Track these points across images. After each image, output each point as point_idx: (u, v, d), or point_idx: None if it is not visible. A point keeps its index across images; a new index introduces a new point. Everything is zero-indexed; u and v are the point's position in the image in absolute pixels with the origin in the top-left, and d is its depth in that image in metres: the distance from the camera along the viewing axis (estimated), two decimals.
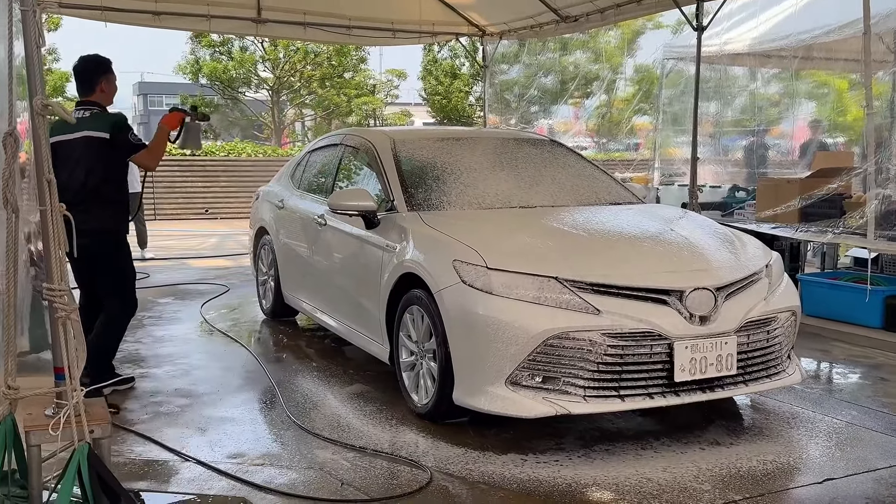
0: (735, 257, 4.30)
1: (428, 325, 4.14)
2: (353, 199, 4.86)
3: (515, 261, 3.93)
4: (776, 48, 9.27)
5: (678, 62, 10.96)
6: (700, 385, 3.88)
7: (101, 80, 4.67)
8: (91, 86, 4.65)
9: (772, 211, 7.27)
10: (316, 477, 3.59)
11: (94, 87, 4.65)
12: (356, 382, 4.99)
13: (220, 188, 17.31)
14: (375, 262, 4.68)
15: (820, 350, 5.95)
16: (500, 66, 12.90)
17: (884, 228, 6.31)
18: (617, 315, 3.75)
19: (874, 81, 7.17)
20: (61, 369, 2.57)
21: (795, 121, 11.20)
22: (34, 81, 2.60)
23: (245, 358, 5.59)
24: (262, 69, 27.21)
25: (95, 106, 4.63)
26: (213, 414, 4.43)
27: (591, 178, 5.50)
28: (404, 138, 5.45)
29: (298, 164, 6.62)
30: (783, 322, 4.17)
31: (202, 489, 3.46)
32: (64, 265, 2.57)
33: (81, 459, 2.45)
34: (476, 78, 25.69)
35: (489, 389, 3.78)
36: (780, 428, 4.24)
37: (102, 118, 4.56)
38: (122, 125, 4.54)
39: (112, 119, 4.55)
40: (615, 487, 3.48)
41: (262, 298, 6.91)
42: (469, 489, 3.47)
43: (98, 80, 4.66)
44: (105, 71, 4.70)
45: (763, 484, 3.53)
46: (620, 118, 16.88)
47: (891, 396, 4.85)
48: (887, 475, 3.64)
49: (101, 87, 4.66)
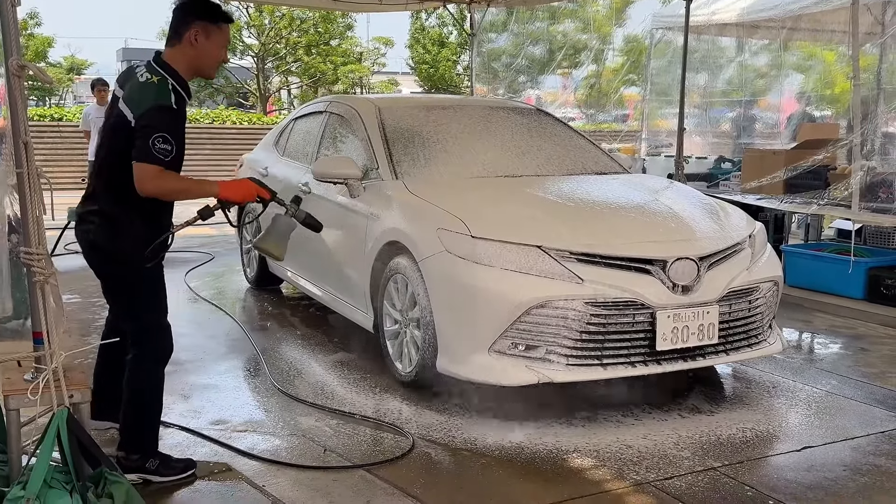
0: (719, 227, 4.31)
1: (412, 294, 4.14)
2: (338, 168, 4.83)
3: (500, 230, 3.92)
4: (764, 18, 9.24)
5: (667, 32, 10.90)
6: (682, 354, 3.90)
7: (194, 27, 3.11)
8: (176, 32, 3.15)
9: (757, 182, 7.29)
10: (299, 443, 3.60)
11: (181, 35, 3.13)
12: (340, 351, 4.99)
13: (205, 156, 17.15)
14: (360, 230, 4.66)
15: (802, 320, 6.00)
16: (488, 34, 12.80)
17: (868, 200, 6.34)
18: (600, 284, 3.76)
19: (861, 53, 7.16)
20: (40, 334, 2.54)
21: (783, 93, 11.20)
22: (10, 42, 2.55)
23: (229, 326, 5.58)
24: (246, 35, 26.83)
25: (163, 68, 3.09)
26: (196, 381, 4.42)
27: (578, 147, 5.48)
28: (389, 106, 5.40)
29: (283, 131, 6.56)
30: (765, 292, 4.19)
31: (185, 455, 3.46)
32: (42, 228, 2.54)
33: (61, 424, 2.45)
34: (464, 47, 25.50)
35: (472, 358, 3.79)
36: (761, 396, 4.28)
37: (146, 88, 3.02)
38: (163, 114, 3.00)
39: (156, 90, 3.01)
40: (596, 454, 3.51)
41: (247, 267, 6.88)
42: (451, 456, 3.49)
43: (188, 25, 3.12)
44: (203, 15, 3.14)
45: (742, 451, 3.57)
46: (609, 89, 16.80)
47: (871, 366, 4.91)
48: (865, 443, 3.69)
49: (189, 39, 3.12)
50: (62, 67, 32.73)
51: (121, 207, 3.08)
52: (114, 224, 3.09)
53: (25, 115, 2.54)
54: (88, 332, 5.27)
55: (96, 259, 3.18)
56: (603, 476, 3.32)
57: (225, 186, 3.16)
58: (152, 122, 2.94)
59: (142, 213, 3.10)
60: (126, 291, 3.20)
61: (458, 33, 26.76)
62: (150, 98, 2.98)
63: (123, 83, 3.14)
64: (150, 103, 2.96)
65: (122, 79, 3.20)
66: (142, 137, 2.93)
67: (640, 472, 3.35)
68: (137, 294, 3.19)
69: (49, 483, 2.40)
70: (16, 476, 2.49)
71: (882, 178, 6.50)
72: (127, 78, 3.16)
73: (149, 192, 3.01)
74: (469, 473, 3.33)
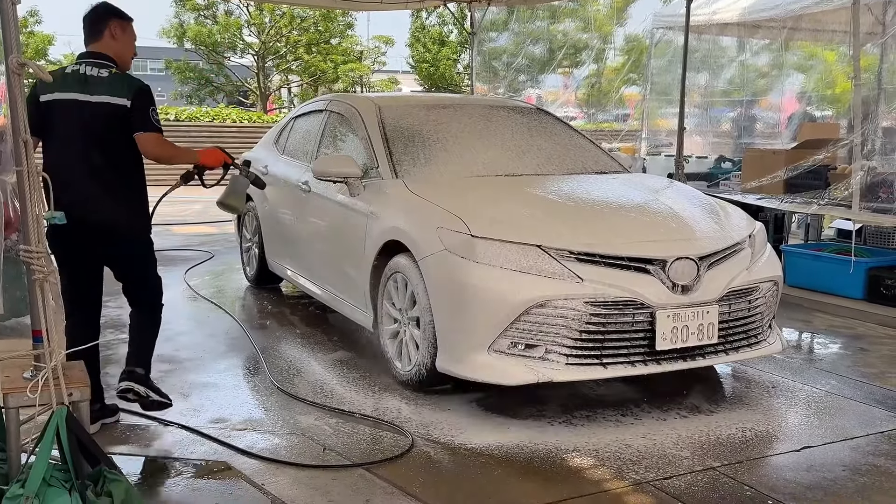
0: (719, 227, 4.31)
1: (411, 293, 4.13)
2: (338, 166, 4.83)
3: (499, 229, 3.92)
4: (766, 18, 9.23)
5: (668, 31, 10.88)
6: (681, 353, 3.90)
7: (112, 23, 3.58)
8: (99, 29, 3.57)
9: (757, 182, 7.29)
10: (298, 442, 3.60)
11: (102, 31, 3.57)
12: (340, 349, 4.99)
13: None
14: (359, 228, 4.66)
15: (801, 320, 6.00)
16: (488, 33, 12.78)
17: (868, 200, 6.33)
18: (600, 284, 3.76)
19: (862, 53, 7.15)
20: (39, 332, 2.54)
21: (783, 92, 11.19)
22: (10, 39, 2.54)
23: (229, 324, 5.58)
24: (247, 34, 26.84)
25: (108, 61, 3.55)
26: (195, 380, 4.42)
27: (578, 146, 5.48)
28: (390, 104, 5.40)
29: (283, 129, 6.56)
30: (765, 292, 4.19)
31: (184, 453, 3.46)
32: (41, 226, 2.53)
33: (60, 422, 2.44)
34: (464, 45, 25.48)
35: (472, 357, 3.79)
36: (760, 396, 4.28)
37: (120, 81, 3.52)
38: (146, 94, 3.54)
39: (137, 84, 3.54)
40: (595, 454, 3.51)
41: (247, 265, 6.88)
42: (451, 454, 3.49)
43: (106, 23, 3.57)
44: (117, 15, 3.62)
45: (742, 451, 3.57)
46: (610, 88, 16.78)
47: (870, 366, 4.91)
48: (864, 443, 3.69)
49: (110, 33, 3.57)
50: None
51: (126, 188, 3.61)
52: (124, 204, 3.57)
53: (25, 113, 2.53)
54: None
55: (105, 242, 3.56)
56: (602, 475, 3.31)
57: (202, 154, 3.87)
58: (145, 100, 3.51)
59: (141, 190, 3.68)
60: (141, 263, 3.73)
61: (458, 32, 26.74)
62: (133, 83, 3.53)
63: (82, 88, 3.48)
64: (136, 87, 3.51)
65: (77, 85, 3.49)
66: (140, 112, 3.48)
67: (639, 471, 3.35)
68: (150, 262, 3.76)
69: (48, 481, 2.39)
70: (15, 474, 2.49)
71: (882, 178, 6.49)
72: (81, 82, 3.50)
73: (153, 156, 3.56)
74: (468, 472, 3.33)
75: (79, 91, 3.46)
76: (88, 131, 3.46)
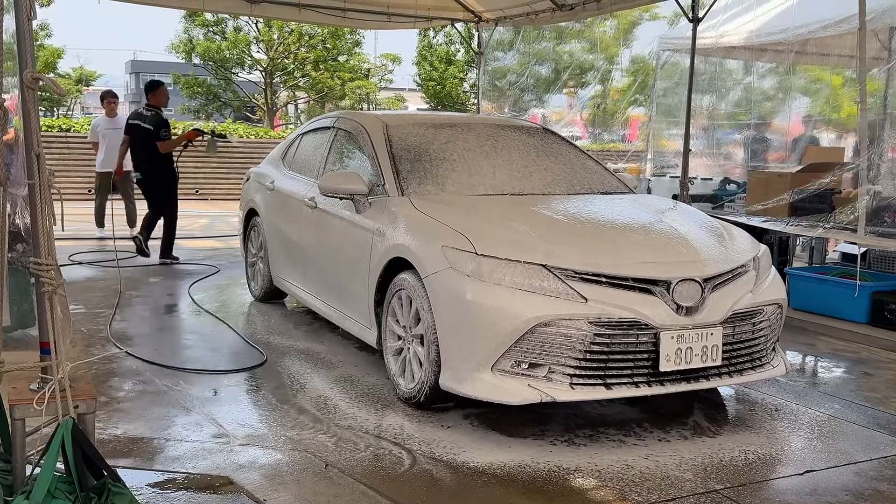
0: (723, 249, 4.32)
1: (416, 310, 4.15)
2: (345, 183, 4.86)
3: (504, 248, 3.94)
4: (772, 42, 9.29)
5: (674, 54, 10.96)
6: (685, 375, 3.90)
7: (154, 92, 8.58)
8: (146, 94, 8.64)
9: (762, 204, 7.30)
10: (301, 458, 3.60)
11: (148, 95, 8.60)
12: (343, 366, 5.00)
13: (212, 169, 17.22)
14: (365, 245, 4.68)
15: (805, 343, 5.99)
16: (494, 53, 12.88)
17: (874, 224, 6.34)
18: (604, 304, 3.76)
19: (868, 78, 7.18)
20: (47, 344, 2.56)
21: (790, 115, 11.23)
22: (25, 54, 2.57)
23: (233, 339, 5.59)
24: (255, 50, 27.04)
25: (153, 108, 8.48)
26: (198, 394, 4.43)
27: (583, 167, 5.51)
28: (397, 123, 5.43)
29: (290, 145, 6.60)
30: (769, 314, 4.19)
31: (186, 468, 3.47)
32: (51, 239, 2.56)
33: (66, 434, 2.45)
34: (471, 64, 25.61)
35: (476, 375, 3.79)
36: (764, 419, 4.27)
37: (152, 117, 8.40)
38: (165, 124, 8.39)
39: (158, 118, 8.40)
40: (598, 474, 3.50)
41: (251, 280, 6.90)
42: (453, 473, 3.49)
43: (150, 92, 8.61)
44: (154, 88, 8.61)
45: (745, 474, 3.56)
46: (615, 109, 16.86)
47: (874, 391, 4.90)
48: (868, 468, 3.68)
49: (152, 97, 8.56)
50: (71, 78, 32.96)
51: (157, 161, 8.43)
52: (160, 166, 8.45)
53: (38, 127, 2.56)
54: (92, 344, 5.29)
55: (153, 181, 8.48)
56: (605, 496, 3.31)
57: (186, 135, 8.59)
58: (162, 126, 8.33)
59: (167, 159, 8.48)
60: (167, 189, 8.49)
61: (465, 51, 26.91)
62: (158, 119, 8.37)
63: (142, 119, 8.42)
64: (158, 119, 8.36)
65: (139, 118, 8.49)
66: (161, 131, 8.31)
67: (642, 493, 3.34)
68: (171, 187, 8.52)
69: (53, 493, 2.40)
70: (20, 485, 2.50)
71: (888, 203, 6.50)
72: (141, 116, 8.49)
73: (164, 150, 8.31)
74: (470, 491, 3.33)
75: (140, 120, 8.41)
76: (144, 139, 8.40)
